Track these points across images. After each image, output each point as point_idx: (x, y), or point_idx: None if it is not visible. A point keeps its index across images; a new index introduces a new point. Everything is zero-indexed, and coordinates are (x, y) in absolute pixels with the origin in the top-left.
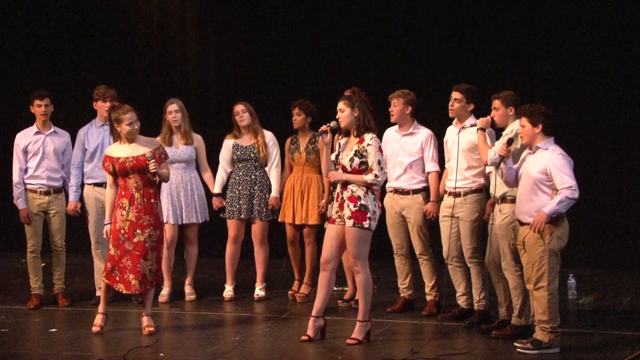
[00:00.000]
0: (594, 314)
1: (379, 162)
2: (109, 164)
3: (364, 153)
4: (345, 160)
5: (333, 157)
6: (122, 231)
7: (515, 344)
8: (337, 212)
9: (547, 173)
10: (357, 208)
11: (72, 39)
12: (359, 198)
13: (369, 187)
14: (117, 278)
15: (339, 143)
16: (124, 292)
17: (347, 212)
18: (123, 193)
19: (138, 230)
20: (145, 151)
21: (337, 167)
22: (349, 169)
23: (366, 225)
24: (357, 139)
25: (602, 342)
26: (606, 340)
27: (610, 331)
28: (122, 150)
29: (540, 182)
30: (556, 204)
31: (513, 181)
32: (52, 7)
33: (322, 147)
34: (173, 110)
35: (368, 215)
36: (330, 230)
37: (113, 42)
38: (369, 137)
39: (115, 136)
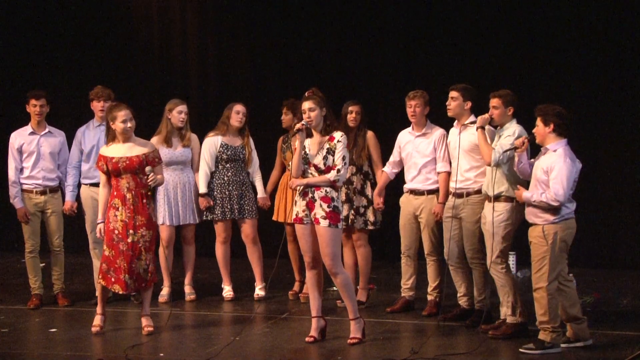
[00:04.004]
0: (594, 314)
1: (344, 158)
2: (103, 164)
3: (335, 150)
4: (317, 159)
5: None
6: (116, 231)
7: (520, 349)
8: (304, 211)
9: (549, 175)
10: (331, 209)
11: (72, 39)
12: (332, 199)
13: (332, 185)
14: (113, 279)
15: (304, 144)
16: (120, 292)
17: (320, 212)
18: (115, 193)
19: (131, 231)
20: (140, 152)
21: (308, 167)
22: (323, 168)
23: (340, 226)
24: (327, 137)
25: (602, 342)
26: (606, 340)
27: (610, 331)
28: (116, 150)
29: (544, 183)
30: (533, 198)
31: (527, 175)
32: (52, 7)
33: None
34: (183, 112)
35: (341, 216)
36: (303, 230)
37: (113, 42)
38: (339, 135)
39: (110, 137)
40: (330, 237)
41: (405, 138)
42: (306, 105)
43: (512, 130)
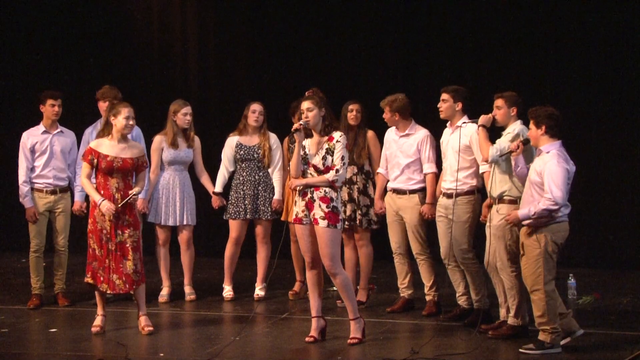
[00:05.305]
0: (594, 314)
1: (342, 158)
2: (94, 158)
3: (334, 150)
4: (316, 159)
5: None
6: (104, 231)
7: (520, 350)
8: (303, 211)
9: (542, 177)
10: (329, 209)
11: (75, 40)
12: (331, 199)
13: (331, 185)
14: (102, 278)
15: (303, 144)
16: (108, 292)
17: (319, 212)
18: (102, 192)
19: (119, 231)
20: (132, 155)
21: (307, 167)
22: (322, 168)
23: (339, 227)
24: (327, 138)
25: (602, 342)
26: (606, 340)
27: (610, 331)
28: (110, 148)
29: (537, 185)
30: (531, 212)
31: (524, 179)
32: (56, 8)
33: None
34: (188, 113)
35: (340, 217)
36: (302, 230)
37: (114, 42)
38: (338, 135)
39: (105, 132)
40: (329, 237)
41: (390, 137)
42: (305, 105)
43: (512, 129)
